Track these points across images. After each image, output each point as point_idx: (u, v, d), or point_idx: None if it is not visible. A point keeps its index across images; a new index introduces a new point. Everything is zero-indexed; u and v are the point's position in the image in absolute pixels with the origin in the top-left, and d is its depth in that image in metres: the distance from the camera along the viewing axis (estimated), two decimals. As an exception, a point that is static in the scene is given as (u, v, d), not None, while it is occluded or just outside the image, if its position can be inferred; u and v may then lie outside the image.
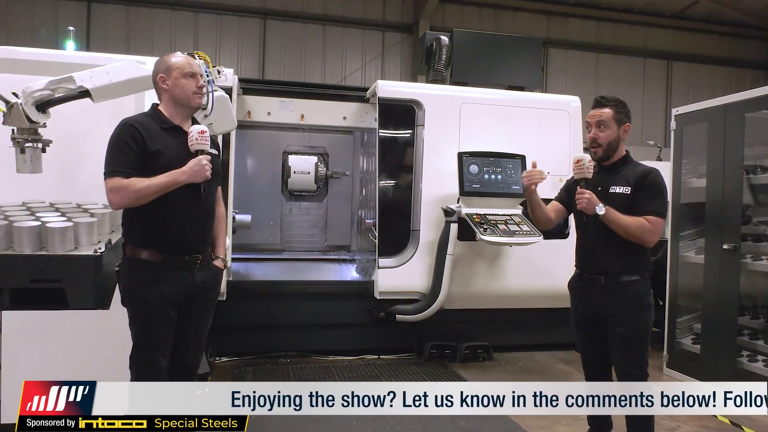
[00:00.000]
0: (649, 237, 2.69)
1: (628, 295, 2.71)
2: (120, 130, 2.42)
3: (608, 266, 2.75)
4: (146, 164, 2.38)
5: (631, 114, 2.86)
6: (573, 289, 2.98)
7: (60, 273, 2.92)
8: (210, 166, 2.43)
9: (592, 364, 2.94)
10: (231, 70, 4.28)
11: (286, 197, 5.63)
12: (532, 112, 5.13)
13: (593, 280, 2.79)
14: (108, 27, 11.52)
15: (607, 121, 2.76)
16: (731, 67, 14.72)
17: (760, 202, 4.41)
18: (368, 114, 5.41)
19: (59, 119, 3.19)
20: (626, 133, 2.81)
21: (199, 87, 2.52)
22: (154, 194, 2.35)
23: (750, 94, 4.13)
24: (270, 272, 5.29)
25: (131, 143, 2.37)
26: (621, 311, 2.71)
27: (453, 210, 4.61)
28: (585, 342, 2.95)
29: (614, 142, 2.78)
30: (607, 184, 2.78)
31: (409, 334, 4.96)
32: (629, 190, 2.72)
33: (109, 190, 2.36)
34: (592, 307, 2.81)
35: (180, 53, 2.60)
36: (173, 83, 2.49)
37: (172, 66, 2.51)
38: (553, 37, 13.46)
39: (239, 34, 12.18)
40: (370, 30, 12.84)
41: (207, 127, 2.52)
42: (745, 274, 4.16)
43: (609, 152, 2.79)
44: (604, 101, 2.80)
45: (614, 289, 2.73)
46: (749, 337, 4.19)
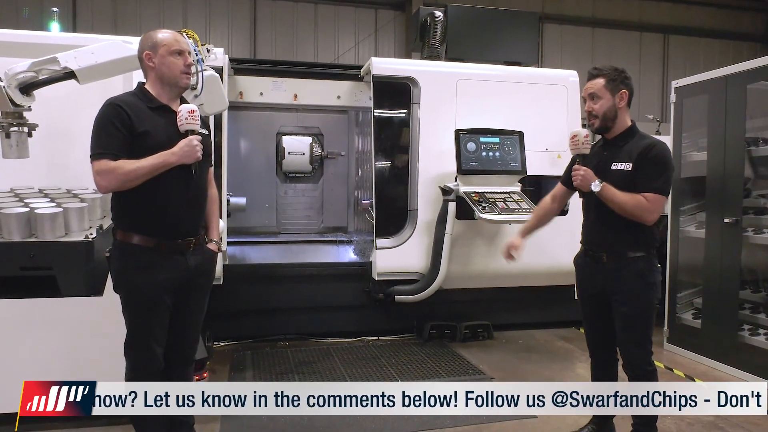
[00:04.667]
0: (647, 216, 2.61)
1: (631, 272, 2.66)
2: (105, 110, 2.31)
3: (611, 243, 2.71)
4: (134, 145, 2.29)
5: (629, 80, 2.74)
6: (578, 265, 2.94)
7: (51, 260, 2.88)
8: (200, 146, 2.35)
9: (597, 340, 2.91)
10: (221, 50, 4.17)
11: (281, 179, 5.56)
12: (529, 88, 5.05)
13: (596, 257, 2.75)
14: (94, 7, 11.30)
15: (598, 92, 2.68)
16: (728, 40, 14.61)
17: (760, 174, 4.36)
18: (363, 93, 5.31)
19: (46, 102, 3.11)
20: (623, 100, 2.68)
21: (187, 65, 2.42)
22: (144, 176, 2.26)
23: (752, 65, 4.06)
24: (267, 255, 5.25)
25: (118, 124, 2.27)
26: (624, 288, 2.67)
27: (451, 188, 4.55)
28: (589, 319, 2.92)
29: (610, 111, 2.68)
30: (609, 159, 2.71)
31: (409, 314, 4.94)
32: (630, 166, 2.63)
33: (96, 173, 2.26)
34: (597, 283, 2.77)
35: (167, 31, 2.48)
36: (160, 61, 2.39)
37: (159, 43, 2.39)
38: (549, 12, 13.29)
39: (229, 13, 11.97)
40: (363, 8, 12.64)
41: (197, 107, 2.43)
42: (746, 248, 4.13)
43: (607, 122, 2.70)
44: (596, 72, 2.72)
45: (617, 266, 2.68)
46: (750, 311, 4.18)
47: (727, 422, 3.27)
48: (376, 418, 3.18)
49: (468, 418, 3.16)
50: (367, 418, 3.18)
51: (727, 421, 3.28)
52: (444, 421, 3.16)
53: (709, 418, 3.29)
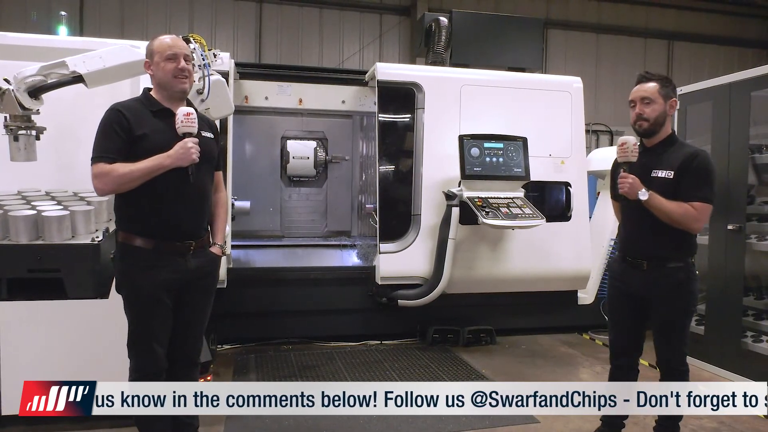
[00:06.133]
0: (694, 224, 2.64)
1: (673, 281, 2.68)
2: (107, 115, 2.39)
3: (652, 252, 2.71)
4: (133, 148, 2.35)
5: (676, 90, 2.77)
6: (613, 271, 2.95)
7: (58, 262, 2.89)
8: (197, 149, 2.37)
9: (622, 346, 2.90)
10: (227, 54, 4.21)
11: (285, 183, 5.58)
12: (533, 94, 5.07)
13: (636, 264, 2.75)
14: (102, 11, 11.37)
15: (652, 96, 2.67)
16: (733, 47, 14.59)
17: (764, 181, 4.36)
18: (367, 97, 5.35)
19: (54, 106, 3.14)
20: (673, 109, 2.73)
21: (179, 69, 2.44)
22: (139, 179, 2.31)
23: (756, 72, 4.06)
24: (270, 259, 5.27)
25: (117, 128, 2.34)
26: (665, 295, 2.69)
27: (454, 194, 4.56)
28: (618, 324, 2.91)
29: (661, 117, 2.69)
30: (648, 166, 2.69)
31: (412, 318, 4.95)
32: (672, 174, 2.64)
33: (94, 176, 2.33)
34: (633, 290, 2.78)
35: (167, 36, 2.51)
36: (156, 68, 2.46)
37: (154, 50, 2.47)
38: (554, 18, 13.31)
39: (235, 17, 12.03)
40: (368, 13, 12.68)
41: (194, 109, 2.46)
42: (750, 255, 4.12)
43: (655, 127, 2.70)
44: (649, 75, 2.74)
45: (658, 275, 2.69)
46: (753, 317, 4.17)
47: (730, 428, 3.27)
48: (380, 420, 3.19)
49: (471, 422, 3.16)
50: (372, 420, 3.19)
51: (729, 427, 3.28)
52: (447, 425, 3.17)
53: (712, 424, 3.29)
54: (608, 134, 13.19)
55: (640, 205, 2.63)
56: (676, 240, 2.67)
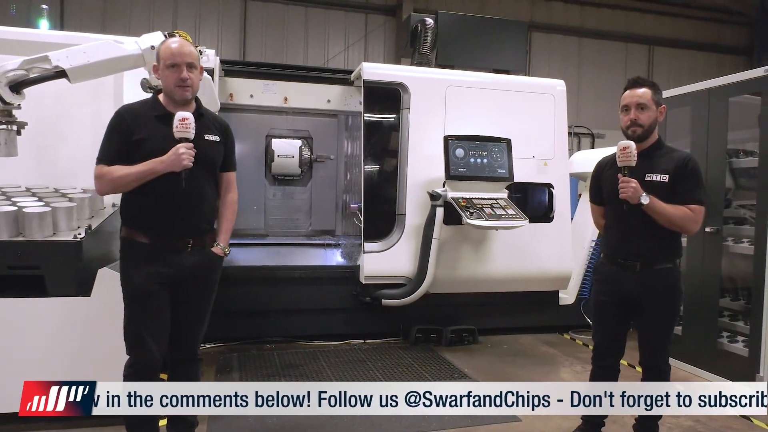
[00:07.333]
0: (693, 226, 2.70)
1: (665, 281, 2.73)
2: (111, 118, 2.47)
3: (644, 253, 2.74)
4: (132, 151, 2.41)
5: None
6: (601, 274, 2.96)
7: (38, 259, 2.86)
8: (190, 154, 2.38)
9: (606, 347, 2.94)
10: (212, 51, 4.18)
11: (269, 181, 5.55)
12: (517, 96, 5.12)
13: (627, 266, 2.78)
14: (83, 5, 11.20)
15: (647, 102, 2.72)
16: (712, 53, 14.88)
17: (740, 185, 4.46)
18: (353, 97, 5.35)
19: (35, 101, 3.10)
20: (662, 115, 2.78)
21: (181, 79, 2.44)
22: (134, 182, 2.39)
23: (734, 78, 4.15)
24: (254, 257, 5.24)
25: (116, 131, 2.43)
26: (657, 295, 2.73)
27: (439, 194, 4.59)
28: (604, 324, 2.94)
29: (653, 123, 2.75)
30: (641, 170, 2.71)
31: (395, 318, 4.97)
32: (667, 178, 2.68)
33: (94, 177, 2.42)
34: (622, 292, 2.80)
35: (174, 41, 2.50)
36: (161, 74, 2.50)
37: (160, 56, 2.50)
38: (537, 21, 13.45)
39: (219, 15, 11.94)
40: (353, 12, 12.69)
41: (200, 113, 2.50)
42: (726, 257, 4.22)
43: (648, 133, 2.75)
44: (642, 81, 2.77)
45: (649, 276, 2.73)
46: (729, 318, 4.26)
47: (706, 426, 3.34)
48: (364, 420, 3.20)
49: (454, 421, 3.19)
50: (356, 420, 3.19)
51: (705, 425, 3.35)
52: (430, 424, 3.19)
53: (688, 423, 3.35)
54: (590, 137, 13.38)
55: (631, 207, 2.66)
56: (666, 241, 2.73)
